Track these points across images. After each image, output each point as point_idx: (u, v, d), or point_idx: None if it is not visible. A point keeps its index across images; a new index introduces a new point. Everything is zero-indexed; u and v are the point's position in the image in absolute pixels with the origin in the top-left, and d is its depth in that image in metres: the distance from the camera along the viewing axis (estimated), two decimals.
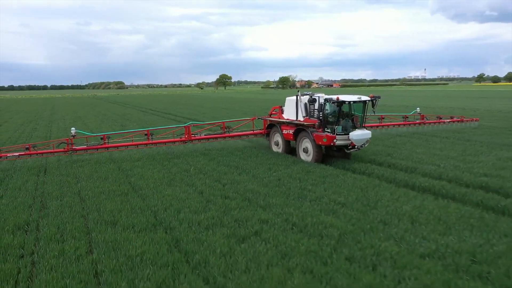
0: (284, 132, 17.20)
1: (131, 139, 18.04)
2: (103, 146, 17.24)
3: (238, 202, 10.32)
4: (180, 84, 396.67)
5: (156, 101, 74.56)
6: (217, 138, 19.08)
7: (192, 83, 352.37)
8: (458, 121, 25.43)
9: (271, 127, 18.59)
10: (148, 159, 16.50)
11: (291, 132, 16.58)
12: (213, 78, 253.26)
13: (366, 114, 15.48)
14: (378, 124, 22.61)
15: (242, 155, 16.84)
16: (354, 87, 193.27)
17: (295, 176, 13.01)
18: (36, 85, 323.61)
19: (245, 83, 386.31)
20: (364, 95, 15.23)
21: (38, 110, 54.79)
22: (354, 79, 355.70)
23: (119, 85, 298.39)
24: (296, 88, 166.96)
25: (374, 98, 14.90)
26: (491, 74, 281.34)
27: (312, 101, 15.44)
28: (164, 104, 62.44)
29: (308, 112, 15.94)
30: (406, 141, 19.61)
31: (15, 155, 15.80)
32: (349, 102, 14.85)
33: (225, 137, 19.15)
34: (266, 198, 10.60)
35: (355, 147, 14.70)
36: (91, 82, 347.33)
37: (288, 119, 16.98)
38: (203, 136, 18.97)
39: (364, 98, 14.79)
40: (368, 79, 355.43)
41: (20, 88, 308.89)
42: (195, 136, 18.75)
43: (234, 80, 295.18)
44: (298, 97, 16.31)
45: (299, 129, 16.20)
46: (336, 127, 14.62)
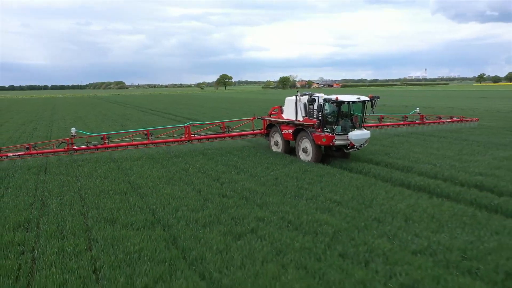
0: (284, 132, 17.26)
1: (131, 139, 18.16)
2: (103, 146, 17.34)
3: (236, 201, 10.47)
4: (181, 84, 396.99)
5: (157, 101, 74.72)
6: (217, 138, 19.17)
7: (193, 83, 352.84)
8: (458, 121, 25.39)
9: (271, 127, 18.64)
10: (148, 159, 16.64)
11: (291, 132, 16.63)
12: (214, 78, 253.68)
13: (365, 114, 15.51)
14: (378, 124, 22.62)
15: (241, 155, 16.98)
16: (355, 87, 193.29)
17: (293, 175, 13.16)
18: (37, 85, 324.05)
19: (246, 83, 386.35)
20: (364, 95, 15.27)
21: (39, 110, 54.99)
22: (355, 79, 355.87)
23: (120, 85, 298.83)
24: (297, 88, 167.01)
25: (373, 98, 14.92)
26: (492, 74, 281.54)
27: (312, 101, 15.48)
28: (165, 104, 62.62)
29: (308, 112, 15.99)
30: (404, 141, 19.73)
31: (16, 155, 15.91)
32: (348, 102, 14.91)
33: (225, 137, 19.24)
34: (263, 197, 10.75)
35: (354, 147, 14.76)
36: (92, 82, 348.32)
37: (288, 119, 17.02)
38: (203, 136, 19.05)
39: (363, 98, 14.81)
40: (369, 79, 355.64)
41: (21, 88, 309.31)
42: (195, 136, 18.85)
43: (235, 80, 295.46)
44: (298, 97, 16.37)
45: (299, 129, 16.26)
46: (335, 127, 14.66)
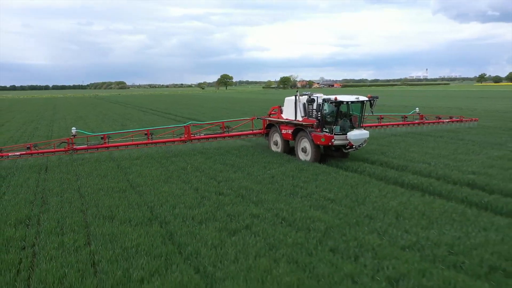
0: (283, 132, 17.35)
1: (131, 139, 18.34)
2: (104, 146, 17.49)
3: (232, 198, 10.70)
4: (182, 84, 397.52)
5: (157, 101, 75.00)
6: (217, 138, 19.30)
7: (194, 83, 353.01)
8: (457, 121, 25.45)
9: (270, 127, 18.72)
10: (147, 158, 16.88)
11: (290, 132, 16.71)
12: (215, 78, 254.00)
13: (364, 114, 15.61)
14: (377, 124, 22.74)
15: (239, 154, 17.20)
16: (355, 87, 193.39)
17: (289, 174, 13.38)
18: (38, 85, 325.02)
19: (247, 83, 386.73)
20: (363, 95, 15.39)
21: (40, 110, 55.30)
22: (356, 79, 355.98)
23: (121, 85, 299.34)
24: (297, 88, 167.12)
25: (372, 99, 14.98)
26: (493, 74, 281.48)
27: (311, 101, 15.55)
28: (165, 104, 62.89)
29: (307, 112, 16.06)
30: (401, 141, 19.92)
31: (16, 155, 16.10)
32: (347, 102, 14.99)
33: (225, 137, 19.39)
34: (259, 195, 10.97)
35: (353, 147, 14.86)
36: (93, 82, 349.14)
37: (287, 119, 17.08)
38: (203, 136, 19.17)
39: (362, 98, 14.88)
40: (370, 79, 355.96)
41: (22, 88, 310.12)
42: (195, 136, 18.98)
43: (236, 80, 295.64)
44: (297, 97, 16.48)
45: (298, 129, 16.34)
46: (334, 127, 14.75)
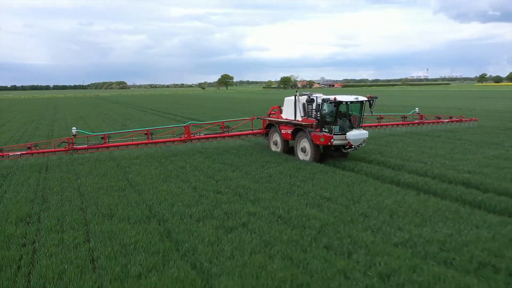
0: (283, 132, 17.43)
1: (131, 139, 18.45)
2: (104, 146, 17.57)
3: (229, 197, 10.86)
4: (182, 84, 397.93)
5: (158, 101, 75.19)
6: (217, 138, 19.40)
7: (194, 83, 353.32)
8: (457, 121, 25.50)
9: (270, 127, 18.80)
10: (146, 157, 17.02)
11: (290, 132, 16.79)
12: (215, 78, 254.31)
13: (363, 114, 15.69)
14: (377, 124, 22.85)
15: (237, 153, 17.34)
16: (356, 87, 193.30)
17: (286, 173, 13.53)
18: (39, 85, 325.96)
19: (247, 83, 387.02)
20: (362, 96, 15.48)
21: (41, 110, 55.51)
22: (356, 79, 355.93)
23: (121, 85, 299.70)
24: (298, 88, 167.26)
25: (371, 99, 15.04)
26: (494, 74, 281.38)
27: (310, 101, 15.63)
28: (166, 104, 63.08)
29: (306, 112, 16.13)
30: (399, 140, 20.05)
31: (17, 154, 16.22)
32: (346, 102, 15.06)
33: (225, 137, 19.48)
34: (256, 193, 11.12)
35: (352, 147, 14.93)
36: (94, 82, 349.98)
37: (287, 119, 17.17)
38: (203, 136, 19.26)
39: (361, 99, 14.95)
40: (370, 79, 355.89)
41: (23, 88, 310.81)
42: (195, 136, 19.06)
43: (236, 80, 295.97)
44: (297, 97, 16.59)
45: (297, 129, 16.42)
46: (334, 127, 14.84)
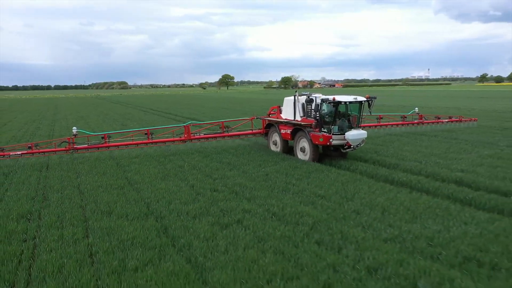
0: (282, 132, 17.57)
1: (131, 138, 18.61)
2: (104, 145, 17.70)
3: (226, 195, 11.10)
4: (183, 84, 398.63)
5: (158, 101, 75.46)
6: (216, 138, 19.54)
7: (195, 83, 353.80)
8: (457, 121, 25.63)
9: (270, 127, 18.95)
10: (146, 156, 17.26)
11: (289, 132, 16.93)
12: (216, 78, 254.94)
13: (362, 114, 15.84)
14: (377, 124, 23.01)
15: (235, 153, 17.57)
16: (357, 87, 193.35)
17: (283, 172, 13.76)
18: (40, 85, 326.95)
19: (248, 83, 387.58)
20: (361, 96, 15.63)
21: (42, 110, 55.81)
22: (357, 79, 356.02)
23: (122, 85, 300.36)
24: (299, 88, 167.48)
25: (370, 99, 15.17)
26: (495, 74, 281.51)
27: (309, 101, 15.77)
28: (166, 104, 63.34)
29: (306, 112, 16.27)
30: (396, 140, 20.25)
31: (18, 154, 16.43)
32: (345, 103, 15.20)
33: (224, 137, 19.64)
34: (252, 191, 11.36)
35: (351, 147, 15.05)
36: (95, 82, 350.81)
37: (286, 119, 17.31)
38: (203, 136, 19.39)
39: (360, 99, 15.08)
40: (371, 79, 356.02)
41: (24, 88, 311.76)
42: (195, 136, 19.19)
43: (237, 80, 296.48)
44: (296, 97, 16.75)
45: (297, 129, 16.57)
46: (332, 127, 14.98)
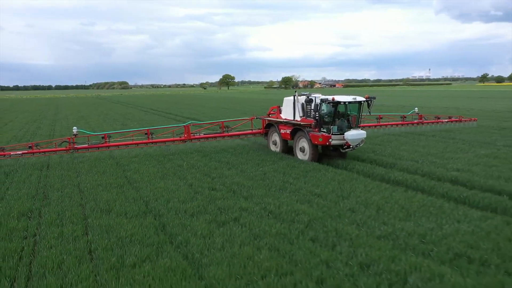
0: (282, 132, 17.67)
1: (132, 138, 18.73)
2: (104, 145, 17.80)
3: (223, 193, 11.25)
4: (184, 84, 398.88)
5: (159, 101, 75.64)
6: (216, 138, 19.63)
7: (196, 83, 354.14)
8: (457, 121, 25.70)
9: (269, 127, 19.05)
10: (145, 156, 17.41)
11: (289, 132, 17.04)
12: (217, 78, 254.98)
13: (362, 114, 15.91)
14: (376, 124, 23.12)
15: (234, 152, 17.71)
16: (357, 87, 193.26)
17: (280, 171, 13.91)
18: (41, 85, 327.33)
19: (249, 83, 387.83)
20: (360, 96, 15.71)
21: (42, 110, 56.02)
22: (358, 79, 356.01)
23: (123, 85, 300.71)
24: (299, 88, 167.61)
25: (369, 99, 15.23)
26: (496, 74, 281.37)
27: (309, 101, 15.88)
28: (167, 104, 63.54)
29: (305, 112, 16.38)
30: (393, 139, 20.39)
31: (18, 154, 16.56)
32: (345, 103, 15.29)
33: (224, 137, 19.73)
34: (250, 190, 11.51)
35: (350, 147, 15.14)
36: (95, 82, 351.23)
37: (286, 119, 17.41)
38: (203, 136, 19.48)
39: (359, 99, 15.15)
40: (372, 79, 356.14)
41: (25, 88, 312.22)
42: (195, 136, 19.28)
43: (238, 80, 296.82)
44: (296, 97, 16.87)
45: (296, 129, 16.67)
46: (332, 127, 15.06)
